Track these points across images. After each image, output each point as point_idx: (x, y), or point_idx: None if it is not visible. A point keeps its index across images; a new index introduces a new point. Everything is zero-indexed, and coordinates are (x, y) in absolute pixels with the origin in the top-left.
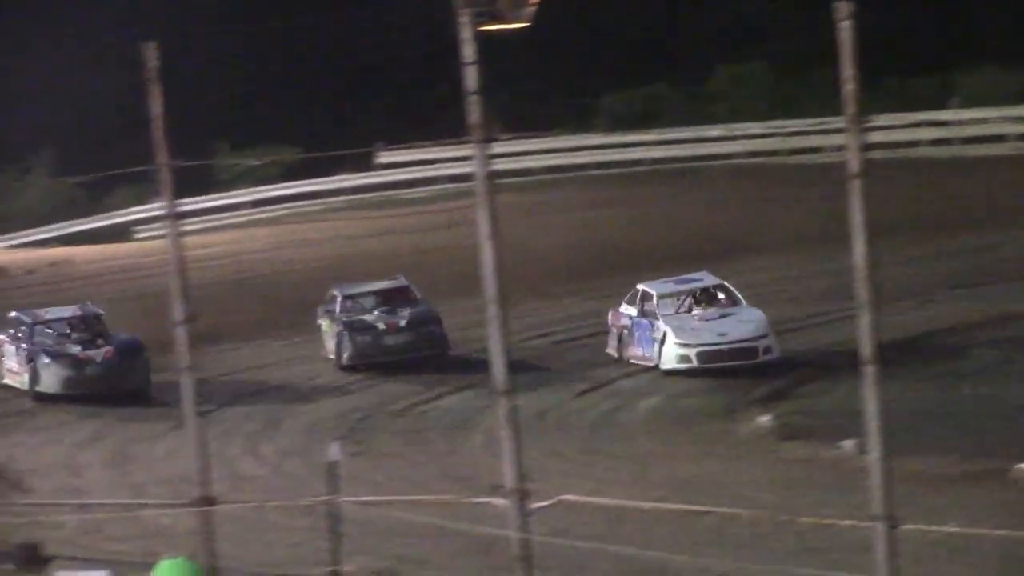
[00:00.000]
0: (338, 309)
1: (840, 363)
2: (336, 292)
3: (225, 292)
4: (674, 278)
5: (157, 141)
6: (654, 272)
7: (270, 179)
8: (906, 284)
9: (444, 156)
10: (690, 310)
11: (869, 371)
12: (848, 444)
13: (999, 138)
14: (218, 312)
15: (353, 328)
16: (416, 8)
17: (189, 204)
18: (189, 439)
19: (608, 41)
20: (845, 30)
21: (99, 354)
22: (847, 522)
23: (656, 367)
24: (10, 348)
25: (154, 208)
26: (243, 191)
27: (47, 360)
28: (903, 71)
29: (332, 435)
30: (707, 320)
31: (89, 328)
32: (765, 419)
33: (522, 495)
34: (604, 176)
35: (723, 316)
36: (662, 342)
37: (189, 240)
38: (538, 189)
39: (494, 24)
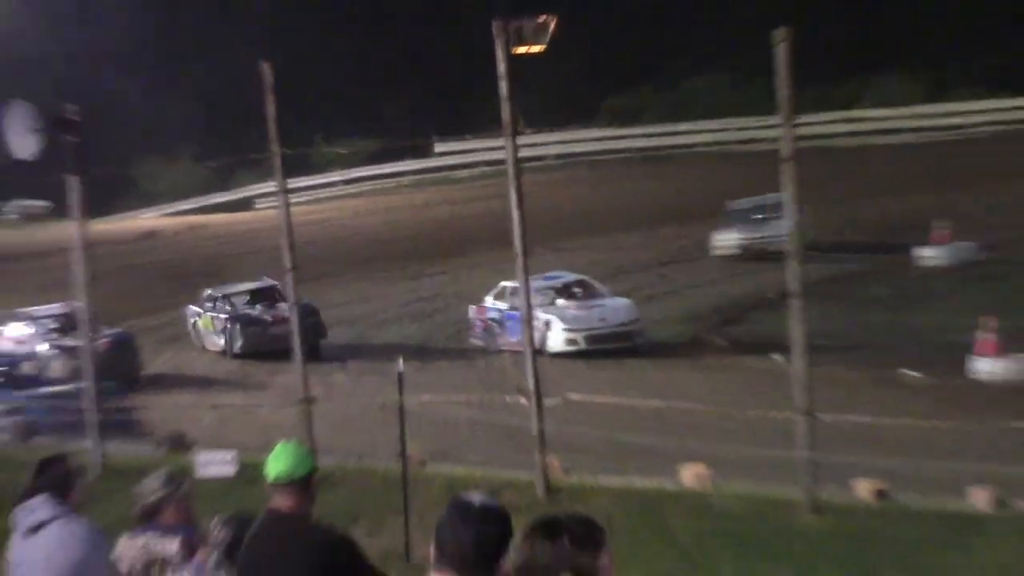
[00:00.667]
0: (217, 306)
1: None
2: (211, 292)
3: (323, 249)
4: (540, 275)
5: (271, 134)
6: (630, 235)
7: (354, 163)
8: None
9: (484, 146)
10: (552, 303)
11: (795, 303)
12: (778, 357)
13: (897, 131)
14: (315, 263)
15: (243, 321)
16: (464, 36)
17: (295, 182)
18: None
19: (608, 57)
20: (781, 50)
21: (99, 347)
22: (778, 414)
23: (538, 351)
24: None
25: (269, 185)
26: (335, 172)
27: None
28: (825, 78)
29: (400, 353)
30: (586, 309)
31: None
32: (719, 340)
33: (539, 395)
34: (605, 160)
35: (598, 305)
36: (546, 330)
37: (295, 210)
38: (554, 171)
39: (521, 47)
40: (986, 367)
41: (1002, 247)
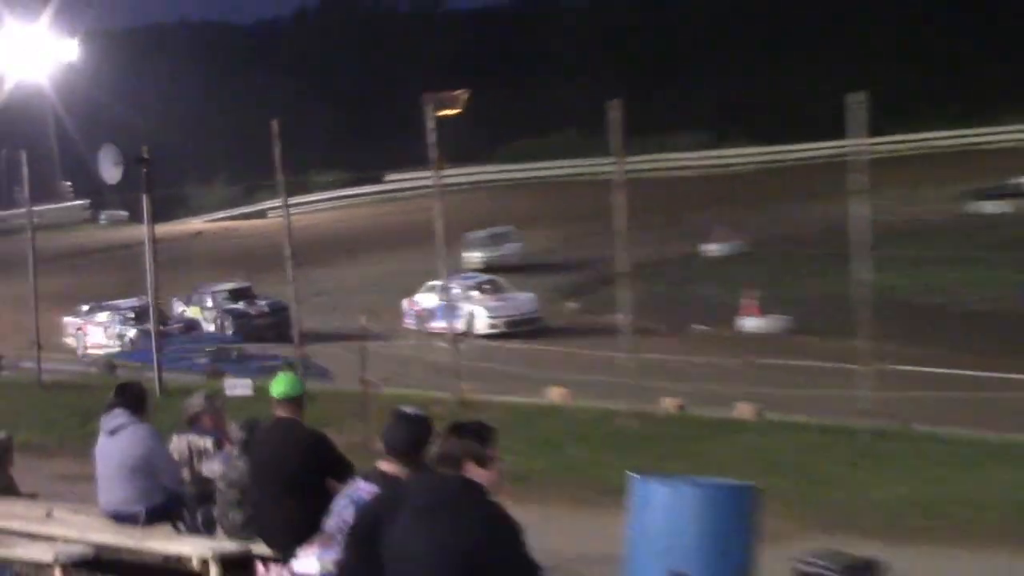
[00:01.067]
0: (206, 301)
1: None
2: (201, 288)
3: (311, 245)
4: (458, 275)
5: (278, 167)
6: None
7: (335, 187)
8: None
9: (418, 176)
10: (470, 297)
11: (623, 279)
12: (615, 316)
13: (694, 167)
14: (306, 254)
15: (232, 314)
16: (409, 101)
17: (294, 199)
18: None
19: (504, 115)
20: (614, 115)
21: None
22: (613, 353)
23: (463, 334)
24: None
25: (277, 201)
26: (321, 192)
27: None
28: (642, 132)
29: (363, 310)
30: (503, 301)
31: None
32: (572, 304)
33: (455, 339)
34: (494, 187)
35: (511, 298)
36: (472, 316)
37: (293, 219)
38: (465, 194)
39: (443, 110)
40: (749, 323)
41: (761, 244)
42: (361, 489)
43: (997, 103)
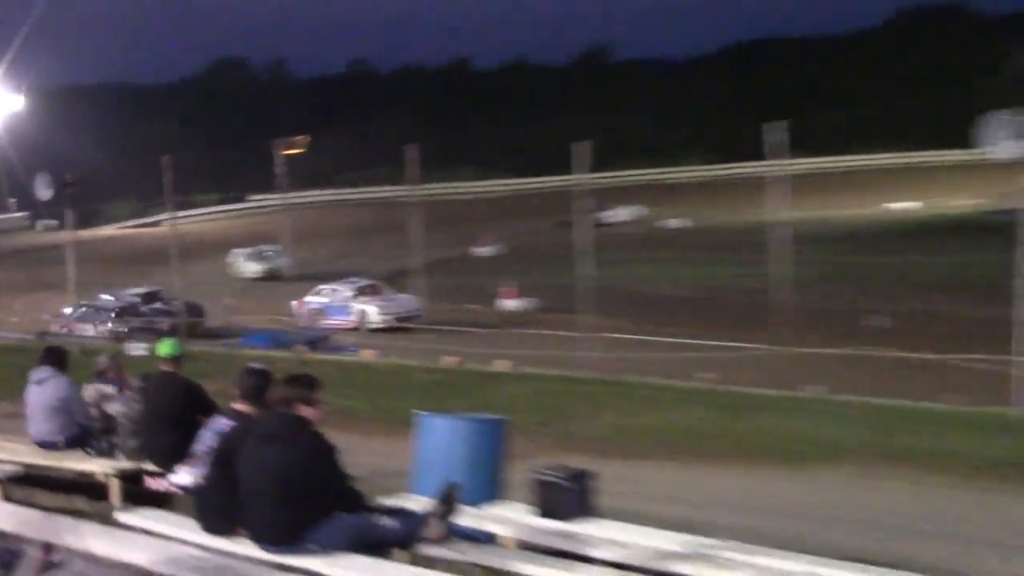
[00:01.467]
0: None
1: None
2: (116, 292)
3: (194, 248)
4: (345, 281)
5: (167, 190)
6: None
7: (211, 204)
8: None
9: (272, 197)
10: (357, 298)
11: (417, 273)
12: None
13: (480, 192)
14: (191, 254)
15: (154, 313)
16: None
17: (184, 214)
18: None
19: (338, 153)
20: (410, 157)
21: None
22: (412, 324)
23: (354, 329)
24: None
25: (165, 215)
26: (204, 209)
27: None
28: (432, 167)
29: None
30: (390, 301)
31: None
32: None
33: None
34: (335, 205)
35: (394, 299)
36: (363, 314)
37: (181, 228)
38: (307, 210)
39: (290, 150)
40: (507, 305)
41: (517, 247)
42: (222, 423)
43: (688, 148)
